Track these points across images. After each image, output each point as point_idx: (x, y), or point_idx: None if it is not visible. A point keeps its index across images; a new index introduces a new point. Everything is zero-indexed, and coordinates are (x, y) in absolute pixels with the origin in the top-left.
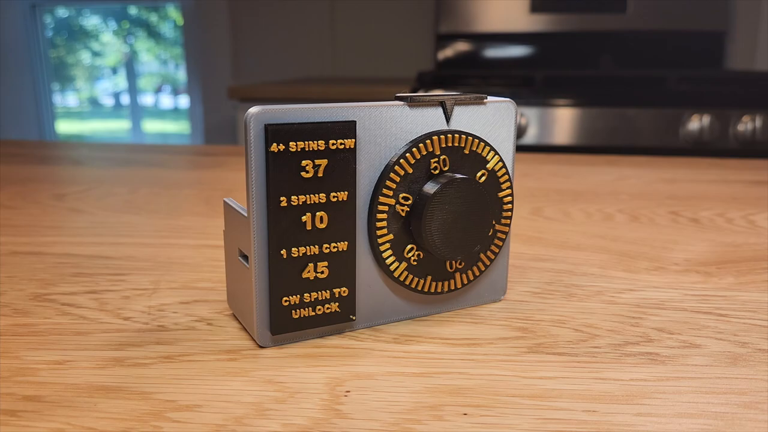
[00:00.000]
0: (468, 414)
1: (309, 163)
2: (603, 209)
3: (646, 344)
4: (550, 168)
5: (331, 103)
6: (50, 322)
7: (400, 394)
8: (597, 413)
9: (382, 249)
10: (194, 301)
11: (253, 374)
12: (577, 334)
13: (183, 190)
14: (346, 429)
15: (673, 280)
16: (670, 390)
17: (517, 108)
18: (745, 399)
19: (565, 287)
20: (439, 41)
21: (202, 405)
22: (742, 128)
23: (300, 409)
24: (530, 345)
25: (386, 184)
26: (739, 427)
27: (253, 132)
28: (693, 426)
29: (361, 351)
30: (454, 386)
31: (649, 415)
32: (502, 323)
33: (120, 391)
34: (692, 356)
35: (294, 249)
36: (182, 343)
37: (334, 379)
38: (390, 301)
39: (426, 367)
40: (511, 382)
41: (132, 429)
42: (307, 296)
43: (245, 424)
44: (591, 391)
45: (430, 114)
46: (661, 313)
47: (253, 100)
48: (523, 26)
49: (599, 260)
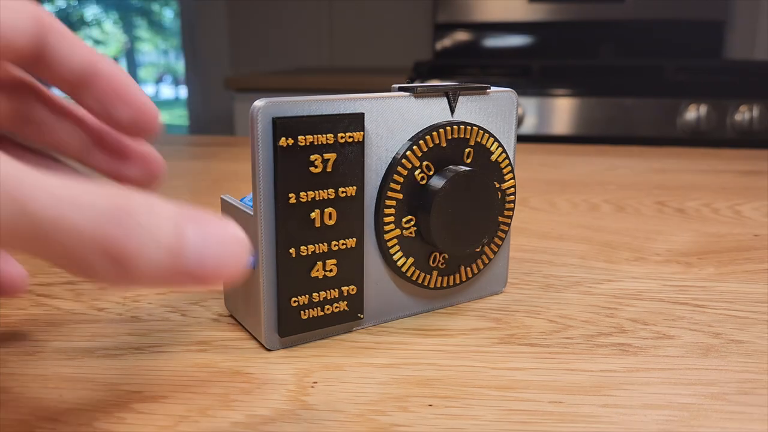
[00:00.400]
0: (433, 405)
1: (318, 157)
2: (589, 199)
3: (619, 335)
4: (539, 158)
5: (330, 93)
6: (24, 313)
7: (367, 385)
8: (563, 404)
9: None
10: (170, 292)
11: (221, 365)
12: (550, 324)
13: (171, 180)
14: (310, 420)
15: (652, 271)
16: (638, 381)
17: (518, 97)
18: (713, 390)
19: (543, 278)
20: (437, 31)
21: (167, 396)
22: (740, 118)
23: (265, 400)
24: (503, 336)
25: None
26: (705, 419)
27: (260, 126)
28: (658, 417)
29: (332, 342)
30: (422, 377)
31: (615, 406)
32: (476, 314)
33: (87, 382)
34: (664, 347)
35: (303, 247)
36: (154, 335)
37: (303, 370)
38: (396, 298)
39: (395, 358)
40: (480, 373)
41: (96, 420)
42: (316, 296)
43: (209, 414)
44: (559, 382)
45: (435, 104)
46: (638, 304)
47: (250, 90)
48: (521, 16)
49: (580, 251)
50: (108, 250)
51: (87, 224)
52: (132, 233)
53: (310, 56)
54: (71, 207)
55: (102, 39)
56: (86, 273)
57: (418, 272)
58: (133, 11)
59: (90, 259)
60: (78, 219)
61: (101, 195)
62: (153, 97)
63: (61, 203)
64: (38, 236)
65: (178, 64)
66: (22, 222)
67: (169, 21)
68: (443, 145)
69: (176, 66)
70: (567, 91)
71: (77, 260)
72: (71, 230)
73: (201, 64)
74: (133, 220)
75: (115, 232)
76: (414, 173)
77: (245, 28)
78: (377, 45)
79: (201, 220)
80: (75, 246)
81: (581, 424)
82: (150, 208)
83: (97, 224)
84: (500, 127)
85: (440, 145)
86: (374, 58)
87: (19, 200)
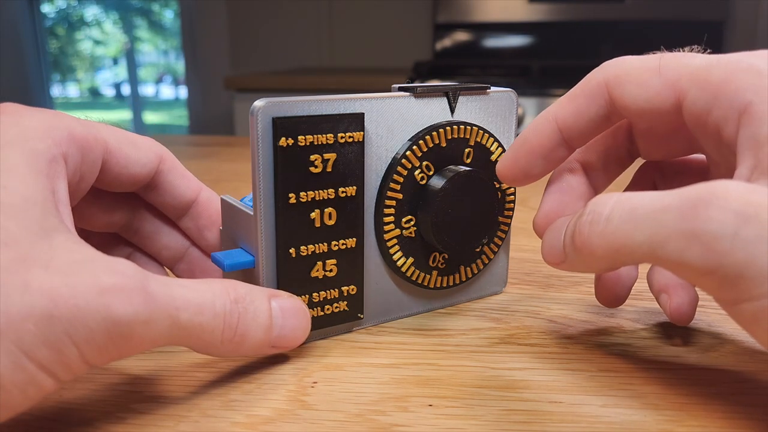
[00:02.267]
0: (433, 405)
1: (318, 157)
2: None
3: (619, 335)
4: None
5: (329, 94)
6: None
7: (367, 385)
8: (563, 404)
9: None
10: None
11: (222, 365)
12: (550, 325)
13: None
14: (309, 420)
15: None
16: (638, 381)
17: (518, 98)
18: (713, 390)
19: (543, 278)
20: (437, 31)
21: (167, 396)
22: None
23: (266, 400)
24: (502, 336)
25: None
26: (704, 419)
27: (260, 126)
28: (658, 417)
29: (332, 342)
30: (422, 377)
31: (615, 406)
32: (476, 314)
33: (87, 381)
34: (664, 347)
35: (303, 247)
36: None
37: (303, 370)
38: (396, 298)
39: (395, 358)
40: (480, 373)
41: (96, 420)
42: (316, 296)
43: (209, 415)
44: (559, 382)
45: (435, 104)
46: (638, 304)
47: (249, 90)
48: (521, 16)
49: None
50: (234, 335)
51: (216, 323)
52: (246, 319)
53: (310, 56)
54: (204, 311)
55: (102, 39)
56: (210, 352)
57: (417, 272)
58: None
59: (215, 345)
60: (209, 320)
61: (219, 293)
62: (153, 97)
63: (200, 312)
64: (182, 337)
65: (178, 64)
66: (175, 332)
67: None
68: (443, 145)
69: (176, 66)
70: (567, 91)
71: (205, 348)
72: (205, 329)
73: (201, 64)
74: (244, 309)
75: (236, 321)
76: (414, 173)
77: (245, 28)
78: (377, 45)
79: (278, 297)
80: (207, 338)
81: (581, 424)
82: (252, 296)
83: (221, 321)
84: (500, 127)
85: (440, 145)
86: (374, 58)
87: (173, 316)
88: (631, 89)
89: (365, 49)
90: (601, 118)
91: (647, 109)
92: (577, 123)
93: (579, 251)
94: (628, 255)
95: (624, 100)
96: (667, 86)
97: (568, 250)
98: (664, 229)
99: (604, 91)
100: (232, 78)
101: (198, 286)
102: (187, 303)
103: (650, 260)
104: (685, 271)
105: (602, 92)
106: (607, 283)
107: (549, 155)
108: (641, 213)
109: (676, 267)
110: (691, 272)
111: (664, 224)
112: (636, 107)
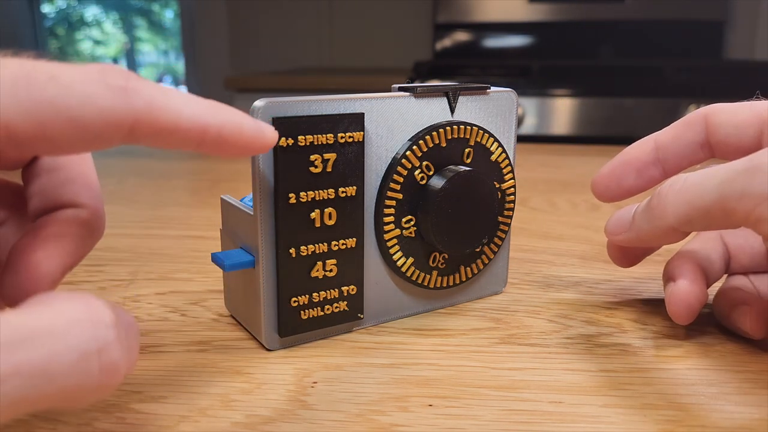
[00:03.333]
0: (433, 405)
1: (318, 157)
2: (590, 200)
3: (619, 335)
4: (539, 158)
5: (330, 93)
6: None
7: (367, 385)
8: (563, 404)
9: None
10: (170, 292)
11: (221, 365)
12: (551, 324)
13: (171, 180)
14: (309, 420)
15: (652, 271)
16: (638, 381)
17: (518, 98)
18: (713, 390)
19: (543, 278)
20: (437, 31)
21: (167, 396)
22: None
23: (266, 400)
24: (503, 336)
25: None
26: (704, 418)
27: None
28: (658, 417)
29: (332, 342)
30: (422, 377)
31: (616, 406)
32: (476, 314)
33: None
34: (664, 347)
35: (303, 247)
36: (154, 335)
37: (303, 370)
38: (396, 298)
39: (395, 358)
40: (480, 373)
41: (96, 420)
42: (316, 296)
43: (209, 414)
44: (559, 382)
45: (435, 104)
46: (637, 304)
47: (250, 90)
48: (521, 16)
49: (580, 251)
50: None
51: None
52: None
53: (310, 56)
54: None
55: (102, 39)
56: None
57: (418, 272)
58: (133, 11)
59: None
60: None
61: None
62: None
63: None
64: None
65: (178, 65)
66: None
67: (169, 21)
68: (443, 145)
69: (176, 66)
70: (567, 92)
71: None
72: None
73: (201, 64)
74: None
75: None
76: (414, 173)
77: (245, 28)
78: (377, 45)
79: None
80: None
81: (581, 424)
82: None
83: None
84: (500, 127)
85: (440, 145)
86: (374, 58)
87: None
88: (723, 117)
89: (365, 49)
90: (695, 144)
91: (733, 135)
92: (674, 144)
93: (651, 210)
94: (700, 210)
95: (716, 126)
96: (755, 115)
97: (638, 217)
98: (735, 185)
99: (702, 119)
100: (232, 78)
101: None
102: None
103: (721, 215)
104: (758, 224)
105: (700, 120)
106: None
107: (642, 170)
108: (717, 173)
109: (745, 219)
110: (762, 224)
111: (734, 182)
112: (724, 132)
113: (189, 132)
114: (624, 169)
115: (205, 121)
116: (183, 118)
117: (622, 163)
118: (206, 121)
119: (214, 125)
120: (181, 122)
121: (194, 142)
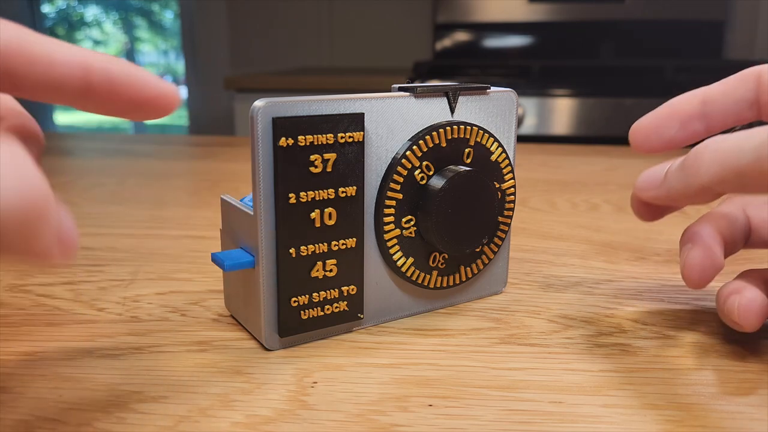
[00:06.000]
0: (433, 405)
1: (318, 157)
2: (589, 199)
3: (619, 335)
4: (539, 158)
5: (330, 93)
6: (24, 313)
7: (367, 385)
8: (563, 404)
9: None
10: (170, 292)
11: (221, 365)
12: (551, 324)
13: (171, 180)
14: (309, 420)
15: (652, 271)
16: (638, 381)
17: (518, 98)
18: (713, 390)
19: (543, 278)
20: (437, 31)
21: (167, 396)
22: None
23: (266, 400)
24: (503, 336)
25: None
26: (704, 419)
27: (260, 126)
28: (658, 417)
29: (332, 342)
30: (422, 377)
31: (616, 406)
32: (476, 314)
33: (87, 381)
34: (664, 347)
35: (303, 247)
36: (154, 335)
37: (303, 370)
38: (396, 298)
39: (395, 358)
40: (480, 374)
41: (96, 420)
42: (316, 296)
43: (209, 414)
44: (559, 382)
45: (435, 104)
46: (637, 304)
47: (250, 90)
48: (521, 16)
49: (580, 251)
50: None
51: None
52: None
53: (310, 56)
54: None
55: (102, 39)
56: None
57: (417, 272)
58: (133, 11)
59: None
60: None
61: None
62: None
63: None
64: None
65: (178, 65)
66: None
67: (169, 21)
68: (443, 145)
69: (176, 66)
70: (567, 92)
71: None
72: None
73: (201, 64)
74: None
75: None
76: (414, 173)
77: (245, 28)
78: (377, 45)
79: None
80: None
81: (581, 424)
82: None
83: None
84: (500, 127)
85: (440, 145)
86: (374, 58)
87: None
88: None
89: (365, 49)
90: (744, 102)
91: None
92: (722, 99)
93: (685, 168)
94: (735, 170)
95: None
96: None
97: (670, 175)
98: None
99: (756, 77)
100: (232, 78)
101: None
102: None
103: (756, 177)
104: None
105: (754, 78)
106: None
107: (687, 122)
108: (757, 134)
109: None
110: None
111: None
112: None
113: (68, 65)
114: (668, 119)
115: (83, 57)
116: (59, 51)
117: (668, 113)
118: (85, 57)
119: (99, 64)
120: (56, 55)
121: (78, 81)
